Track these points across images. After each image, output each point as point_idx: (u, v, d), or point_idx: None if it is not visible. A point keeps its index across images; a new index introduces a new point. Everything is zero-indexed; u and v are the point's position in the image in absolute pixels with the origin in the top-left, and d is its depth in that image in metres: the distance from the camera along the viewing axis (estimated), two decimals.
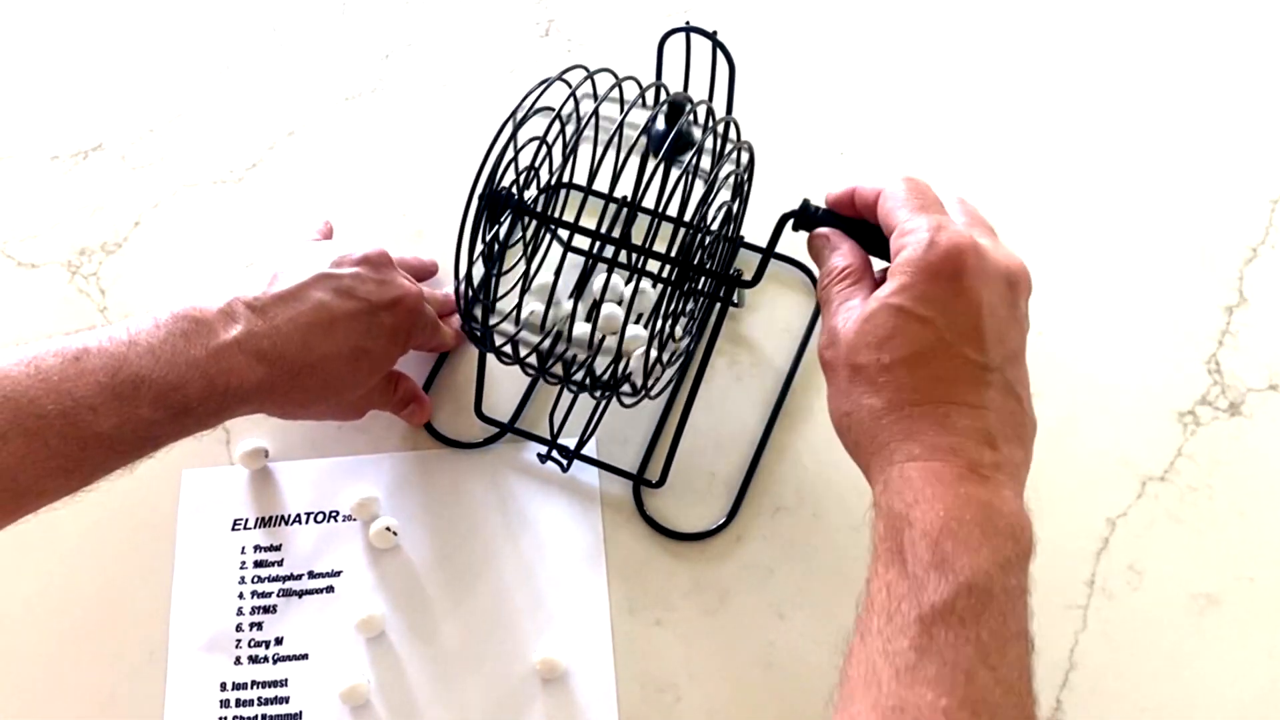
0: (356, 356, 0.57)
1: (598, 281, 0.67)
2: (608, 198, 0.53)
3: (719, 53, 0.55)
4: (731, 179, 0.56)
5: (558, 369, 0.58)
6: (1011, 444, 0.46)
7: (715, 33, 0.54)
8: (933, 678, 0.40)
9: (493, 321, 0.57)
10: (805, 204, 0.54)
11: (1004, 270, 0.47)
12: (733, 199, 0.57)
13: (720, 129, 0.55)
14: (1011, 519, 0.43)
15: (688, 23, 0.55)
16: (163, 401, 0.50)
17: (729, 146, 0.55)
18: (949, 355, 0.45)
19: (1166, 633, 0.62)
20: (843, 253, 0.51)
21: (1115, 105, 0.78)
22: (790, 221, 0.55)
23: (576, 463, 0.65)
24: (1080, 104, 0.78)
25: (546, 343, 0.56)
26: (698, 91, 0.57)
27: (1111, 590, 0.63)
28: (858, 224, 0.53)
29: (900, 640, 0.41)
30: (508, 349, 0.57)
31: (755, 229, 0.70)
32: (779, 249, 0.71)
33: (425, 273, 0.70)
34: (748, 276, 0.55)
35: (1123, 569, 0.63)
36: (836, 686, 0.43)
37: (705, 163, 0.55)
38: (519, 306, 0.58)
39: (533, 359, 0.57)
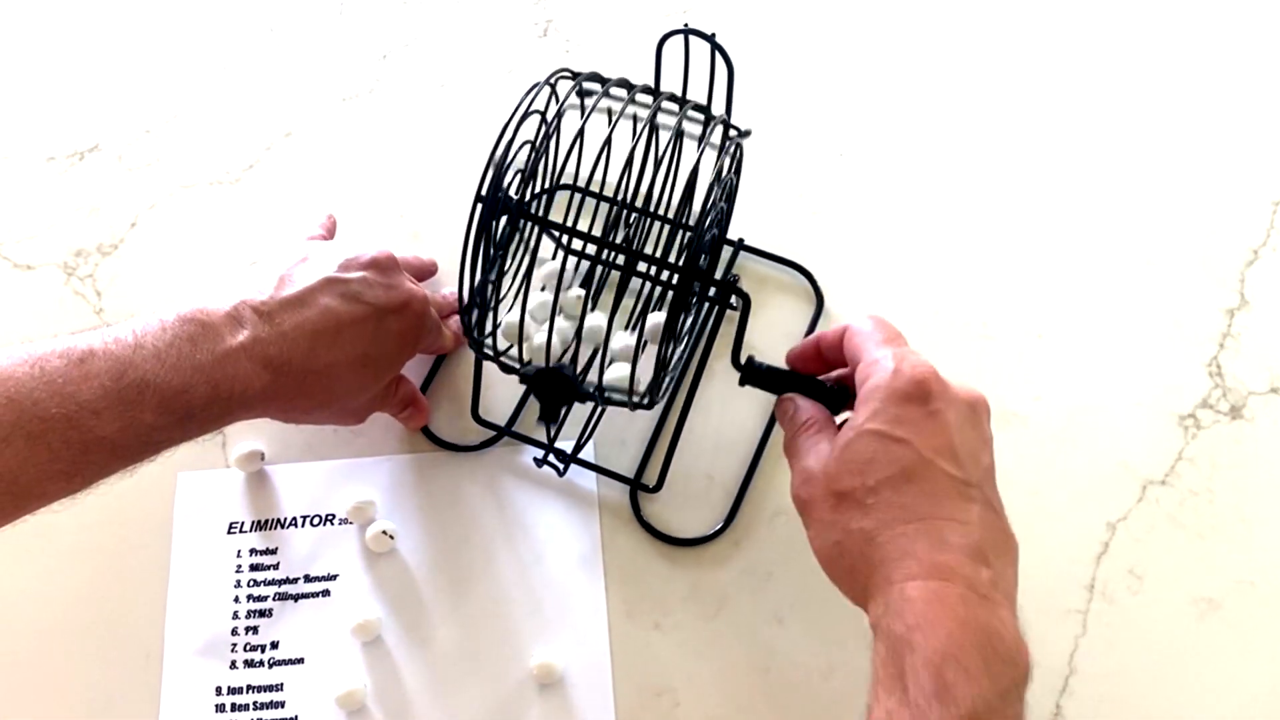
0: (363, 363, 0.57)
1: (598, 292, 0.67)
2: (611, 200, 0.53)
3: (718, 55, 0.55)
4: (725, 183, 0.56)
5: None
6: (1002, 560, 0.47)
7: (714, 35, 0.54)
8: None
9: (489, 329, 0.56)
10: (750, 360, 0.56)
11: (965, 397, 0.50)
12: (725, 200, 0.57)
13: (721, 133, 0.54)
14: (1011, 644, 0.44)
15: (686, 25, 0.54)
16: (167, 407, 0.49)
17: (725, 144, 0.54)
18: (931, 473, 0.47)
19: (1167, 637, 0.61)
20: (804, 408, 0.54)
21: (1115, 107, 0.78)
22: (739, 377, 0.57)
23: (574, 467, 0.64)
24: (1080, 106, 0.78)
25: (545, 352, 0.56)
26: (696, 93, 0.57)
27: (1112, 595, 0.62)
28: (803, 380, 0.56)
29: None
30: (506, 355, 0.57)
31: (755, 227, 0.70)
32: (779, 252, 0.71)
33: (426, 272, 0.69)
34: (742, 279, 0.55)
35: (1123, 573, 0.63)
36: None
37: (704, 165, 0.55)
38: (521, 312, 0.58)
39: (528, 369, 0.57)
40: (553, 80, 0.54)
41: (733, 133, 0.56)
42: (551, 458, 0.63)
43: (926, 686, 0.42)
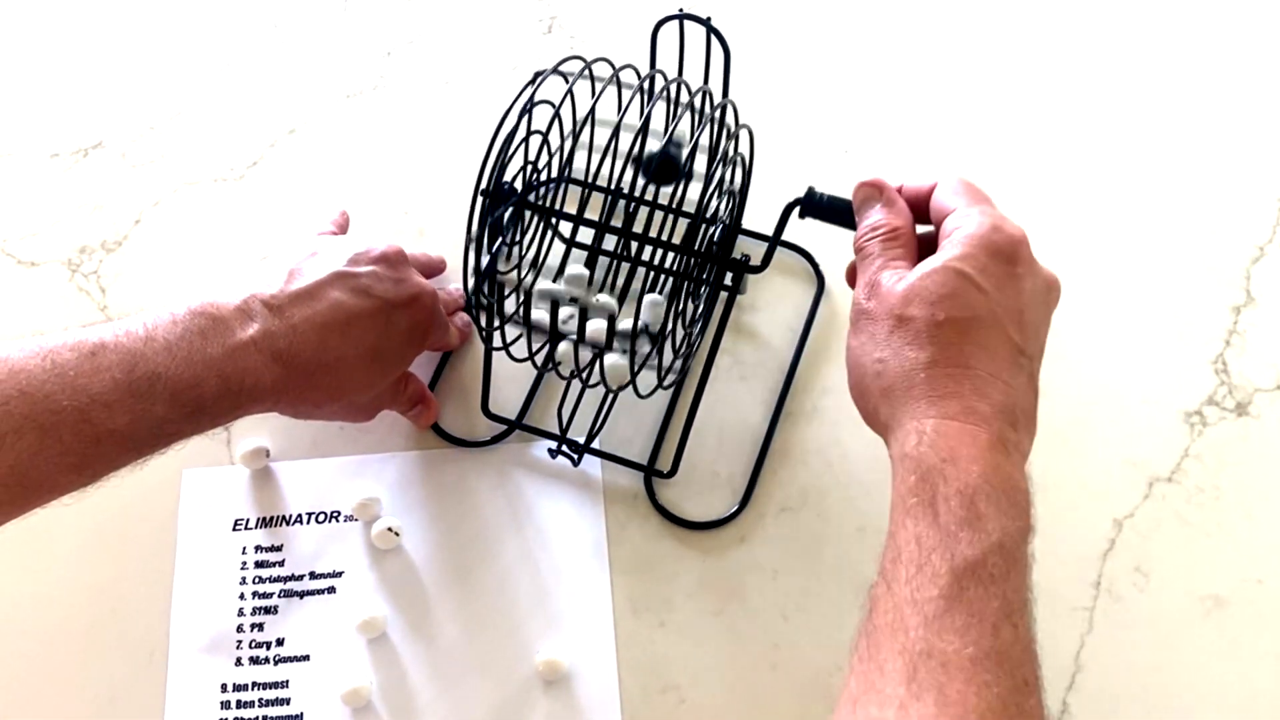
0: (372, 357, 0.57)
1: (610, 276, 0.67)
2: (612, 191, 0.52)
3: (714, 39, 0.55)
4: (735, 162, 0.56)
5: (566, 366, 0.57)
6: (1025, 431, 0.47)
7: (709, 19, 0.54)
8: (960, 627, 0.40)
9: (497, 328, 0.56)
10: (811, 191, 0.55)
11: (1046, 275, 0.50)
12: (734, 179, 0.57)
13: (718, 113, 0.54)
14: (1026, 496, 0.45)
15: (681, 10, 0.54)
16: (177, 400, 0.49)
17: (728, 130, 0.54)
18: (996, 330, 0.47)
19: (1173, 634, 0.61)
20: (895, 210, 0.52)
21: (1121, 104, 0.78)
22: (797, 209, 0.55)
23: (583, 461, 0.64)
24: (1086, 104, 0.78)
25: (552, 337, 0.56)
26: (692, 80, 0.56)
27: (1118, 592, 0.62)
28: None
29: (930, 589, 0.41)
30: (516, 346, 0.57)
31: (757, 219, 0.70)
32: (783, 236, 0.71)
33: (434, 269, 0.69)
34: (751, 263, 0.55)
35: (1129, 570, 0.63)
36: (856, 637, 0.44)
37: (701, 159, 0.55)
38: (527, 303, 0.57)
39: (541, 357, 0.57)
40: (558, 67, 0.54)
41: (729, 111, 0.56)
42: (565, 448, 0.63)
43: (958, 513, 0.42)
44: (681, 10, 0.54)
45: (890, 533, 0.45)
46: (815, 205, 0.54)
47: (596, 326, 0.57)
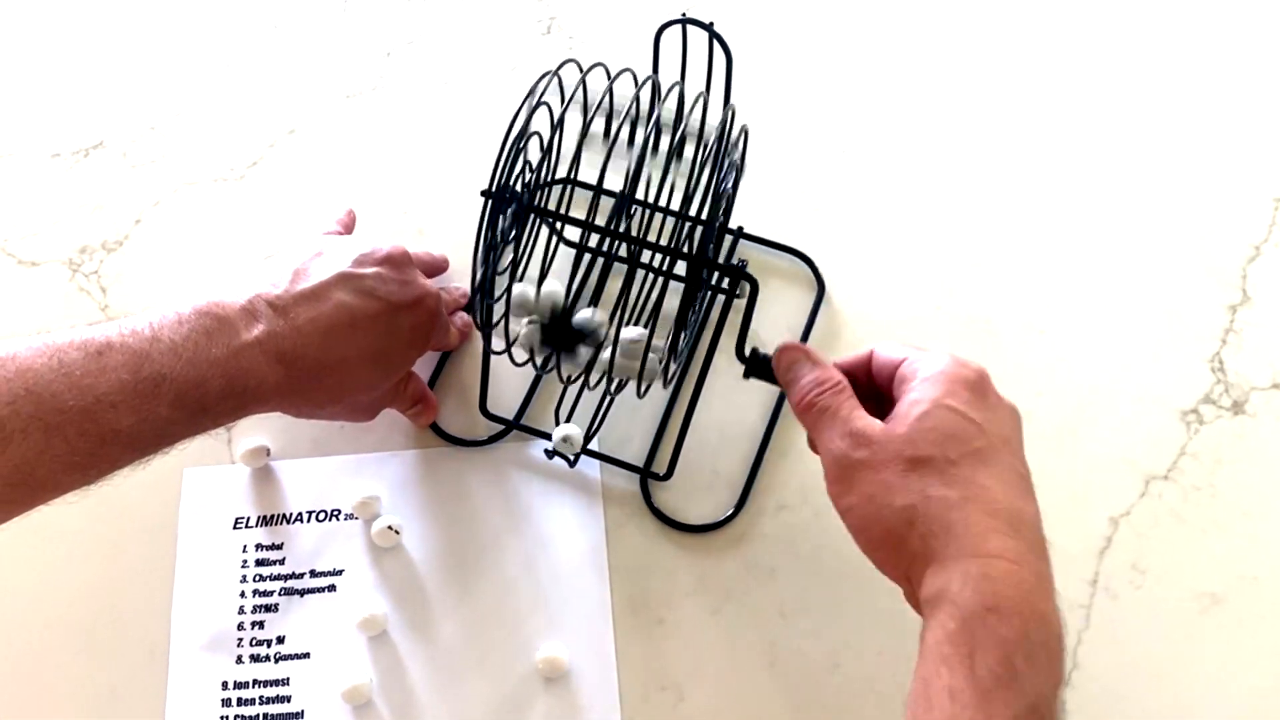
0: (375, 359, 0.57)
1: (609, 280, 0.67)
2: (615, 194, 0.53)
3: (715, 44, 0.55)
4: (731, 170, 0.56)
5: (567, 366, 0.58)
6: (1046, 558, 0.47)
7: (711, 24, 0.54)
8: None
9: (498, 320, 0.57)
10: (755, 352, 0.56)
11: (1009, 404, 0.50)
12: (732, 185, 0.57)
13: (718, 116, 0.54)
14: (1060, 640, 0.44)
15: (684, 14, 0.54)
16: (182, 401, 0.50)
17: (728, 133, 0.55)
18: (1001, 462, 0.47)
19: (1170, 632, 0.62)
20: (827, 367, 0.52)
21: (1118, 103, 0.78)
22: (744, 370, 0.56)
23: (580, 461, 0.65)
24: (1083, 102, 0.78)
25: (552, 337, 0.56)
26: (694, 85, 0.57)
27: (1115, 589, 0.62)
28: None
29: None
30: (515, 346, 0.57)
31: (758, 223, 0.70)
32: (782, 240, 0.72)
33: (437, 269, 0.69)
34: (747, 270, 0.55)
35: (1126, 568, 0.63)
36: None
37: (698, 153, 0.55)
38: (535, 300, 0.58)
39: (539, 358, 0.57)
40: (560, 70, 0.55)
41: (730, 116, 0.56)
42: (561, 449, 0.63)
43: (996, 670, 0.41)
44: (684, 15, 0.54)
45: (922, 676, 0.43)
46: (759, 365, 0.55)
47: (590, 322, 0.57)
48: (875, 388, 0.52)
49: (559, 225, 0.65)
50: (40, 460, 0.46)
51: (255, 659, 0.61)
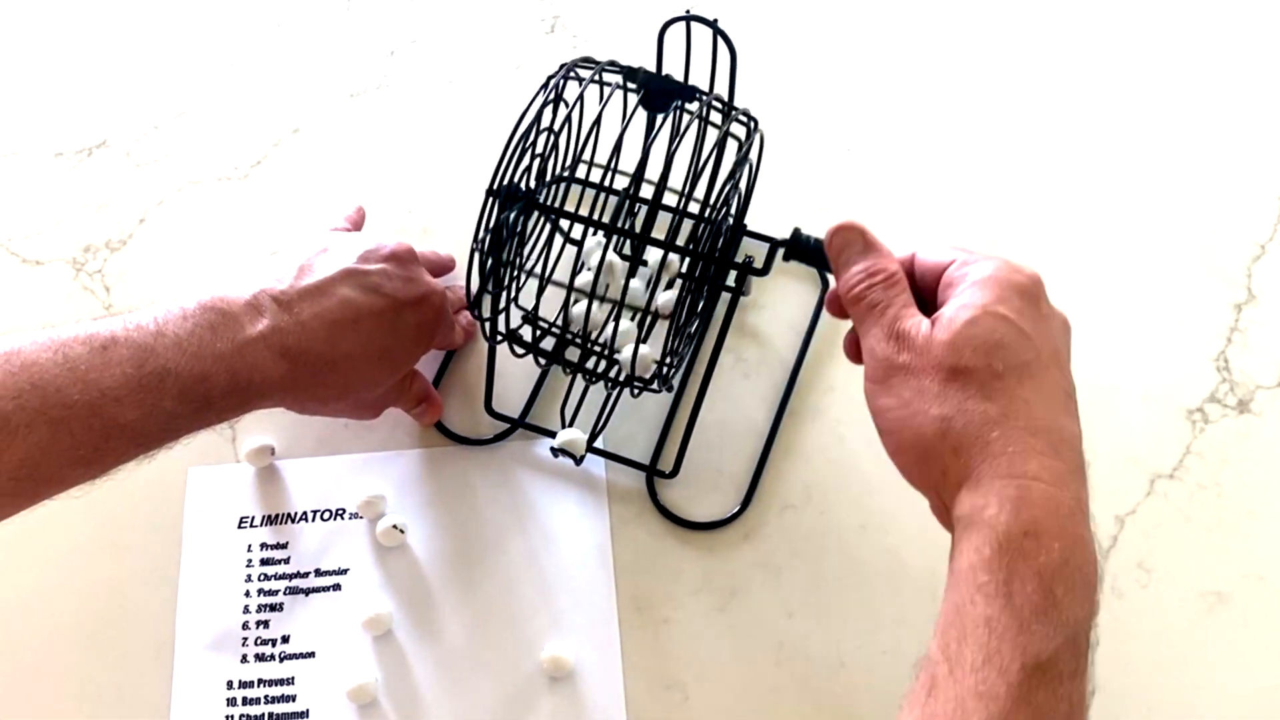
0: (380, 355, 0.57)
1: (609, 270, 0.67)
2: (620, 193, 0.53)
3: (720, 41, 0.55)
4: (743, 166, 0.56)
5: (573, 355, 0.58)
6: (1086, 482, 0.45)
7: (716, 20, 0.54)
8: None
9: (501, 311, 0.57)
10: (796, 233, 0.55)
11: (1061, 313, 0.48)
12: (741, 181, 0.57)
13: (724, 112, 0.54)
14: (1095, 566, 0.42)
15: (688, 11, 0.54)
16: (187, 395, 0.50)
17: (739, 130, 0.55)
18: (1049, 376, 0.45)
19: (1176, 631, 0.62)
20: (882, 253, 0.49)
21: (1123, 102, 0.78)
22: (781, 251, 0.55)
23: (586, 459, 0.65)
24: (1088, 101, 0.78)
25: (558, 330, 0.56)
26: (699, 81, 0.57)
27: (1121, 588, 0.62)
28: None
29: (998, 685, 0.39)
30: (520, 337, 0.57)
31: (761, 219, 0.70)
32: (786, 237, 0.71)
33: (443, 268, 0.69)
34: (754, 265, 0.55)
35: (1132, 567, 0.63)
36: (908, 712, 0.42)
37: (724, 155, 0.55)
38: (536, 299, 0.58)
39: (547, 348, 0.57)
40: (571, 68, 0.55)
41: (741, 122, 0.56)
42: (567, 447, 0.63)
43: (1034, 599, 0.40)
44: (689, 12, 0.54)
45: (954, 603, 0.41)
46: (801, 248, 0.54)
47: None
48: (919, 292, 0.49)
49: (568, 225, 0.66)
50: (46, 455, 0.46)
51: (260, 658, 0.61)
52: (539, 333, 0.60)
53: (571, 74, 0.55)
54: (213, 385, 0.50)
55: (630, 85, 0.55)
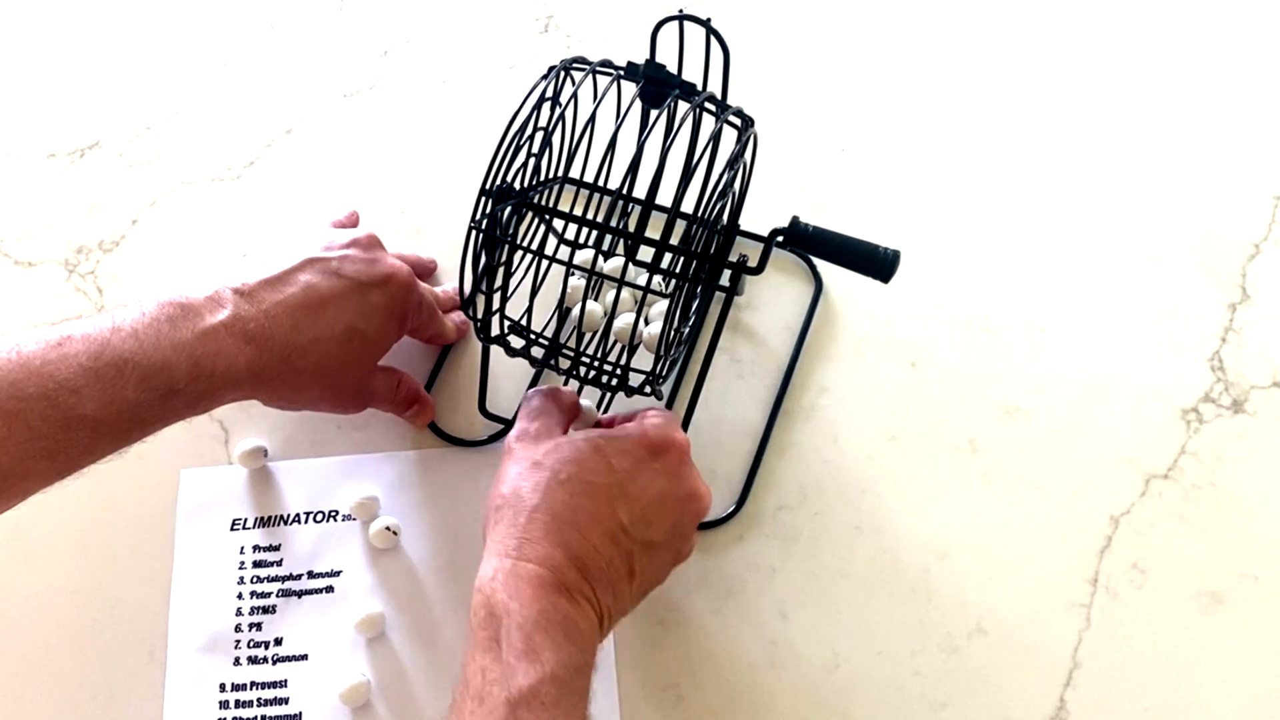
0: (349, 337, 0.57)
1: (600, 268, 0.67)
2: (614, 194, 0.53)
3: (713, 40, 0.55)
4: (738, 165, 0.56)
5: (563, 360, 0.58)
6: (604, 591, 0.50)
7: (709, 20, 0.54)
8: None
9: (495, 312, 0.56)
10: (795, 221, 0.54)
11: (690, 486, 0.55)
12: (734, 181, 0.57)
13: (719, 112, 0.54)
14: (588, 634, 0.49)
15: (681, 11, 0.54)
16: (148, 383, 0.50)
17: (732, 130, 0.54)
18: (607, 503, 0.51)
19: (1171, 631, 0.61)
20: (560, 394, 0.59)
21: (1117, 101, 0.78)
22: (779, 238, 0.55)
23: None
24: (1082, 100, 0.78)
25: (550, 331, 0.56)
26: (692, 81, 0.57)
27: (1115, 589, 0.62)
28: (847, 243, 0.54)
29: (497, 709, 0.45)
30: (512, 338, 0.57)
31: (755, 219, 0.70)
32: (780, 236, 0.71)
33: (423, 270, 0.69)
34: (749, 265, 0.55)
35: (1127, 567, 0.63)
36: None
37: (719, 156, 0.55)
38: (530, 303, 0.58)
39: (538, 352, 0.57)
40: (567, 65, 0.54)
41: (736, 119, 0.56)
42: None
43: (517, 647, 0.46)
44: (681, 11, 0.54)
45: (463, 663, 0.48)
46: (800, 236, 0.55)
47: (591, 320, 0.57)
48: None
49: (561, 225, 0.65)
50: (3, 448, 0.46)
51: (253, 660, 0.61)
52: (527, 342, 0.60)
53: (565, 73, 0.54)
54: (175, 373, 0.50)
55: (627, 76, 0.55)
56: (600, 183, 0.58)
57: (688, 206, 0.63)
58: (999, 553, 0.63)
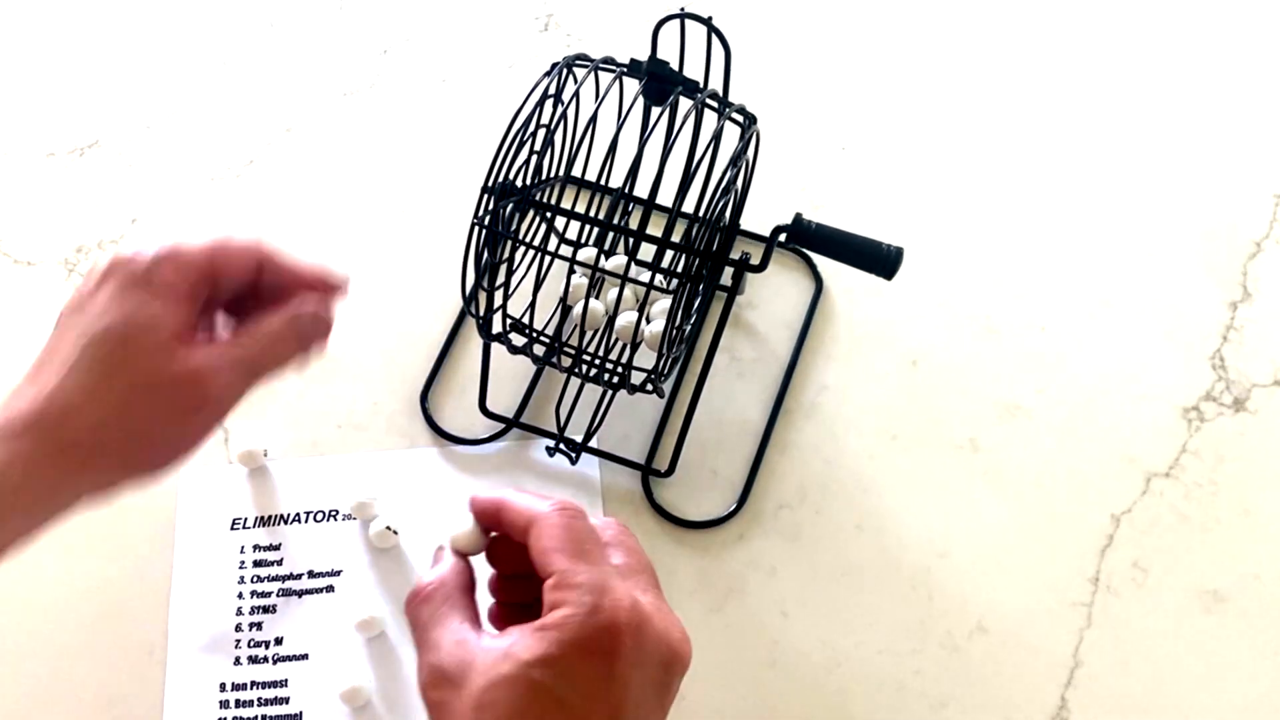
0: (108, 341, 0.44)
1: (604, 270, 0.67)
2: (616, 192, 0.53)
3: (714, 38, 0.55)
4: (740, 163, 0.56)
5: (566, 355, 0.58)
6: None
7: (710, 18, 0.54)
8: None
9: (497, 308, 0.56)
10: (798, 218, 0.54)
11: (662, 651, 0.41)
12: (736, 179, 0.57)
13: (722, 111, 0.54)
14: None
15: (682, 9, 0.54)
16: None
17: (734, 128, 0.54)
18: None
19: (1172, 630, 0.61)
20: (437, 570, 0.45)
21: (1118, 99, 0.78)
22: (783, 235, 0.55)
23: (580, 460, 0.64)
24: (1083, 98, 0.78)
25: (552, 329, 0.56)
26: (693, 79, 0.57)
27: (1117, 588, 0.62)
28: (851, 240, 0.53)
29: None
30: (513, 335, 0.57)
31: (756, 218, 0.70)
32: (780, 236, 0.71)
33: (316, 282, 0.50)
34: (751, 263, 0.55)
35: (1128, 566, 0.63)
36: None
37: (720, 156, 0.55)
38: (532, 300, 0.58)
39: (539, 348, 0.57)
40: (569, 63, 0.54)
41: (739, 117, 0.56)
42: (563, 446, 0.63)
43: None
44: (683, 9, 0.54)
45: None
46: (803, 233, 0.54)
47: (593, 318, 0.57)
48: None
49: (563, 223, 0.65)
50: None
51: (253, 660, 0.61)
52: (529, 339, 0.60)
53: (568, 71, 0.54)
54: None
55: (629, 74, 0.55)
56: (603, 180, 0.58)
57: (690, 204, 0.63)
58: (1000, 551, 0.63)
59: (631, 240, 0.54)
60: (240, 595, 0.63)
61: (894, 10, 0.82)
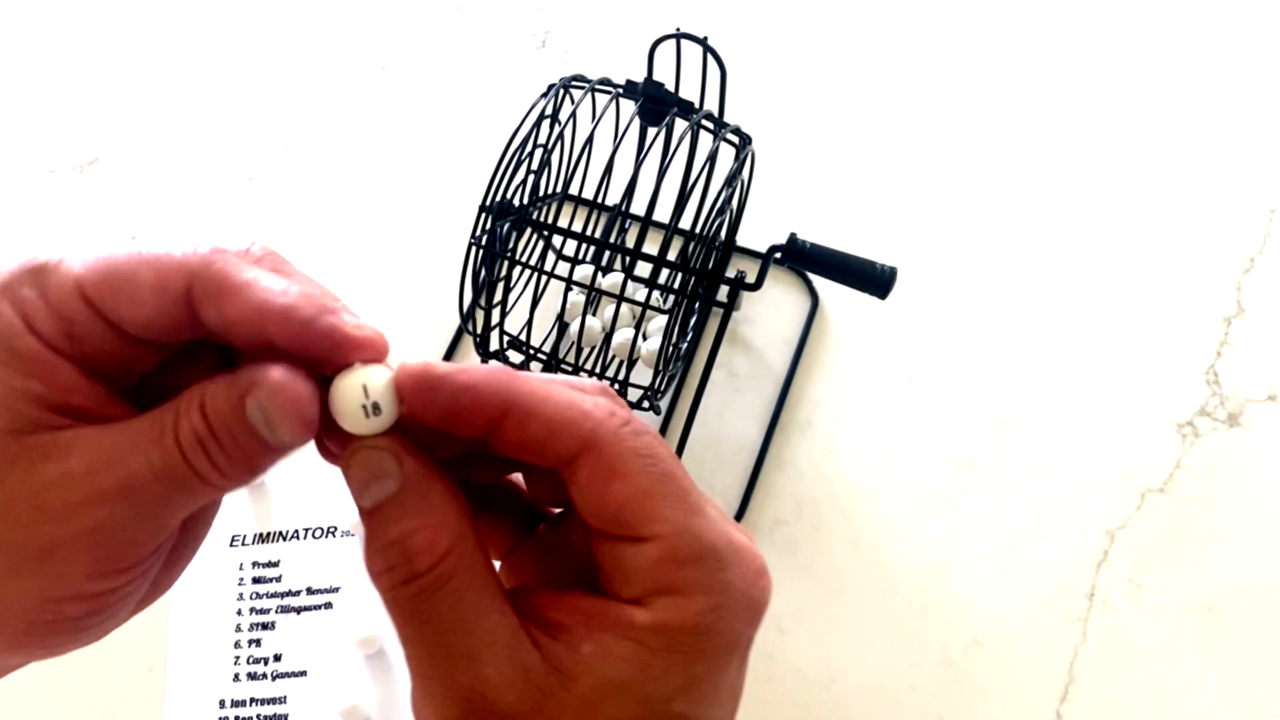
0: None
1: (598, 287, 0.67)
2: (613, 210, 0.53)
3: (710, 59, 0.55)
4: (735, 183, 0.56)
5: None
6: None
7: (706, 38, 0.54)
8: None
9: (495, 326, 0.57)
10: (793, 237, 0.55)
11: (754, 630, 0.32)
12: (731, 198, 0.57)
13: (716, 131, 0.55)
14: None
15: (678, 29, 0.55)
16: None
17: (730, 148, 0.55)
18: None
19: (1167, 645, 0.62)
20: (417, 508, 0.27)
21: (1111, 116, 0.78)
22: (778, 254, 0.55)
23: None
24: (1075, 115, 0.78)
25: (549, 346, 0.56)
26: (690, 99, 0.57)
27: (1111, 603, 0.63)
28: (845, 260, 0.54)
29: None
30: (511, 353, 0.57)
31: (752, 235, 0.70)
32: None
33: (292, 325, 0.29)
34: (746, 280, 0.55)
35: (1122, 581, 0.63)
36: None
37: (715, 174, 0.55)
38: (529, 317, 0.58)
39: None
40: (566, 83, 0.55)
41: (734, 138, 0.57)
42: None
43: None
44: (679, 30, 0.55)
45: None
46: (797, 252, 0.55)
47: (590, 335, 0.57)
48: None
49: (560, 241, 0.66)
50: None
51: (252, 677, 0.61)
52: (526, 357, 0.60)
53: (565, 91, 0.55)
54: None
55: (626, 94, 0.55)
56: (599, 200, 0.58)
57: (686, 223, 0.64)
58: (995, 567, 0.63)
59: (628, 258, 0.55)
60: (239, 612, 0.63)
61: (889, 31, 0.82)
